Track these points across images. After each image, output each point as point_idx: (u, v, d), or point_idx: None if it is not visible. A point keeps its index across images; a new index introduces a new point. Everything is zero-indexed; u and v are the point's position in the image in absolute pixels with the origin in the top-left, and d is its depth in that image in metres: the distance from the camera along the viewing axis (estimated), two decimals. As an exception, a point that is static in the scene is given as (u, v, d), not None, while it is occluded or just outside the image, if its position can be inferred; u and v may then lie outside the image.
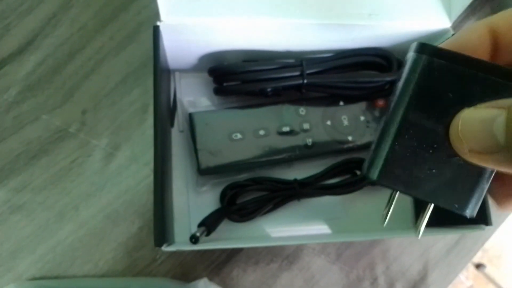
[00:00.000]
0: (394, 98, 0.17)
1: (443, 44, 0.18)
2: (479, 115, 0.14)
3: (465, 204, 0.17)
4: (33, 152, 0.39)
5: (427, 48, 0.16)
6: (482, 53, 0.17)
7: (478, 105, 0.15)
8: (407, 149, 0.16)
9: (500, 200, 0.18)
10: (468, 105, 0.15)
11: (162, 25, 0.32)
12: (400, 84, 0.17)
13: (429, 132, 0.16)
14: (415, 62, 0.16)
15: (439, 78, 0.15)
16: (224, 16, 0.33)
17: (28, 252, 0.37)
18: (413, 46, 0.17)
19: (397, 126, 0.16)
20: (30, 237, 0.37)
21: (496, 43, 0.17)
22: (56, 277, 0.37)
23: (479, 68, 0.15)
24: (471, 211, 0.17)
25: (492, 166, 0.14)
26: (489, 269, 1.18)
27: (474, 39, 0.17)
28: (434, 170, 0.16)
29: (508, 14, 0.17)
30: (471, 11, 0.48)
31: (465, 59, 0.16)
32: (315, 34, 0.35)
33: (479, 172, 0.16)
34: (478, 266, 1.19)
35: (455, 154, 0.16)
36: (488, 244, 0.41)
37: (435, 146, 0.16)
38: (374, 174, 0.17)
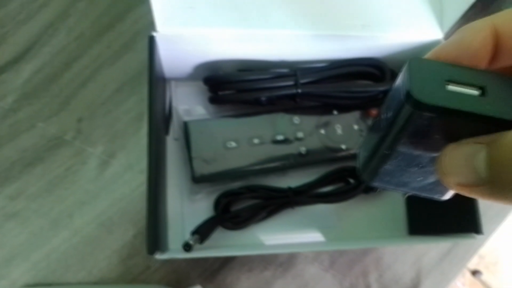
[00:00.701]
0: (384, 128, 0.17)
1: (441, 47, 0.16)
2: (461, 151, 0.14)
3: (444, 193, 0.18)
4: (29, 160, 0.39)
5: (420, 104, 0.15)
6: (482, 57, 0.16)
7: (461, 141, 0.15)
8: (397, 167, 0.18)
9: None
10: (453, 141, 0.15)
11: (157, 35, 0.32)
12: (389, 119, 0.17)
13: (417, 157, 0.17)
14: (405, 114, 0.16)
15: (427, 124, 0.16)
16: (219, 26, 0.33)
17: (22, 259, 0.37)
18: (410, 62, 0.16)
19: (388, 154, 0.17)
20: (24, 244, 0.37)
21: (498, 46, 0.16)
22: (50, 284, 0.37)
23: (464, 117, 0.15)
24: (447, 196, 0.18)
25: (478, 197, 0.15)
26: (485, 276, 1.19)
27: (476, 43, 0.16)
28: (420, 178, 0.18)
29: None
30: (464, 22, 0.49)
31: (451, 111, 0.15)
32: (309, 44, 0.36)
33: None
34: (475, 273, 1.19)
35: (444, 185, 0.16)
36: (484, 251, 0.41)
37: (421, 165, 0.17)
38: (368, 178, 0.19)
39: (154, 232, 0.28)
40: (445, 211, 0.36)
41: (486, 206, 0.35)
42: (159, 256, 0.29)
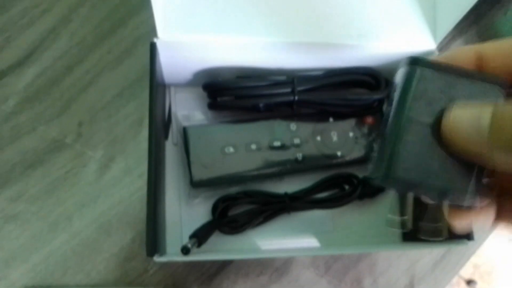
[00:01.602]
0: (394, 105, 0.19)
1: (436, 59, 0.20)
2: (468, 111, 0.16)
3: (464, 193, 0.18)
4: (29, 162, 0.39)
5: (419, 61, 0.19)
6: None
7: (467, 104, 0.17)
8: (413, 144, 0.18)
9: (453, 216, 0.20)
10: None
11: (158, 42, 0.33)
12: (398, 93, 0.19)
13: (429, 127, 0.18)
14: (410, 73, 0.19)
15: (431, 84, 0.18)
16: (219, 34, 0.34)
17: (21, 261, 0.37)
18: (406, 60, 0.19)
19: (402, 124, 0.18)
20: (23, 246, 0.38)
21: (482, 67, 0.19)
22: (48, 286, 0.37)
23: (463, 74, 0.19)
24: (471, 201, 0.19)
25: (477, 157, 0.16)
26: (480, 286, 1.19)
27: (462, 60, 0.19)
28: (438, 162, 0.18)
29: (497, 45, 0.19)
30: (457, 33, 0.50)
31: (451, 67, 0.19)
32: (306, 53, 0.37)
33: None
34: (469, 282, 1.20)
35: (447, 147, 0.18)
36: (479, 261, 0.42)
37: (435, 140, 0.18)
38: (387, 170, 0.18)
39: (154, 234, 0.29)
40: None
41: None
42: (157, 259, 0.29)
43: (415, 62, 0.19)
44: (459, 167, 0.18)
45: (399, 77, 0.20)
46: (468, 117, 0.16)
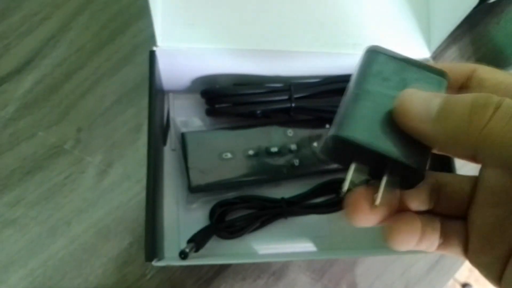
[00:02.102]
0: (353, 81, 0.21)
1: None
2: (421, 93, 0.18)
3: (415, 160, 0.19)
4: (28, 168, 0.40)
5: (379, 48, 0.22)
6: (455, 80, 0.22)
7: (421, 89, 0.19)
8: (366, 110, 0.20)
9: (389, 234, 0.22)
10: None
11: (158, 49, 0.34)
12: (357, 72, 0.22)
13: (384, 98, 0.20)
14: (370, 56, 0.22)
15: (387, 66, 0.21)
16: (217, 42, 0.35)
17: (19, 265, 0.38)
18: (368, 47, 0.22)
19: (358, 93, 0.20)
20: (22, 251, 0.38)
21: (470, 80, 0.21)
22: (46, 291, 0.37)
23: (414, 63, 0.21)
24: (419, 165, 0.19)
25: (420, 132, 0.18)
26: (475, 290, 1.20)
27: (458, 70, 0.22)
28: (390, 129, 0.20)
29: (442, 65, 0.22)
30: (451, 41, 0.51)
31: (404, 58, 0.21)
32: (303, 61, 0.37)
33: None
34: (465, 285, 1.20)
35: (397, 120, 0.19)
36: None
37: (387, 112, 0.20)
38: (338, 130, 0.20)
39: (152, 239, 0.29)
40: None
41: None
42: (156, 263, 0.29)
43: (375, 49, 0.22)
44: (405, 140, 0.19)
45: (360, 61, 0.22)
46: (420, 98, 0.18)
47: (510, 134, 0.15)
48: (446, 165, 0.36)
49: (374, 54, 0.22)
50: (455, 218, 0.22)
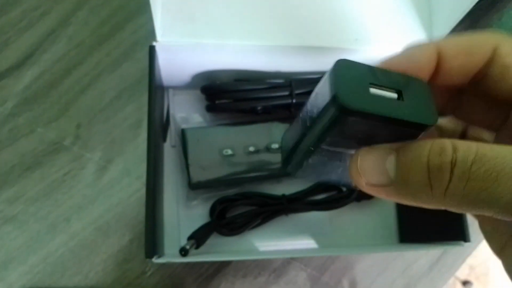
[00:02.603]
0: (310, 127, 0.17)
1: (392, 59, 0.18)
2: (374, 154, 0.17)
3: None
4: (28, 164, 0.40)
5: (341, 107, 0.16)
6: (426, 72, 0.18)
7: (373, 146, 0.17)
8: (320, 161, 0.19)
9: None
10: (373, 141, 0.17)
11: (157, 45, 0.33)
12: (315, 119, 0.17)
13: (339, 153, 0.18)
14: (329, 112, 0.16)
15: (350, 126, 0.17)
16: (217, 38, 0.34)
17: (19, 262, 0.38)
18: (330, 96, 0.16)
19: (312, 150, 0.18)
20: (21, 248, 0.38)
21: (439, 66, 0.18)
22: (46, 288, 0.37)
23: (383, 121, 0.16)
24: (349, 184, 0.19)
25: (385, 197, 0.17)
26: (476, 287, 1.20)
27: (422, 59, 0.18)
28: (340, 170, 0.19)
29: (456, 42, 0.18)
30: (453, 37, 0.50)
31: (373, 116, 0.16)
32: (304, 57, 0.37)
33: None
34: (465, 283, 1.20)
35: (355, 185, 0.18)
36: (475, 262, 0.42)
37: (342, 160, 0.19)
38: (292, 170, 0.20)
39: (152, 236, 0.29)
40: (434, 220, 0.37)
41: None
42: (156, 260, 0.29)
43: (343, 110, 0.16)
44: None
45: (326, 81, 0.17)
46: (374, 157, 0.16)
47: (472, 195, 0.14)
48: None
49: (333, 113, 0.16)
50: None
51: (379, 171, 0.16)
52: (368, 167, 0.16)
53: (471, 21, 0.50)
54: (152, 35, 0.33)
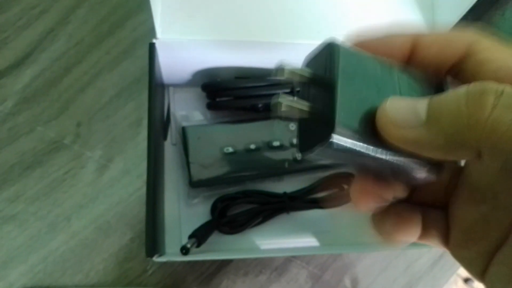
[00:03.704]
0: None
1: (370, 39, 0.19)
2: (405, 99, 0.16)
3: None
4: (28, 163, 0.39)
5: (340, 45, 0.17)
6: (398, 57, 0.18)
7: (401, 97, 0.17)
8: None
9: (389, 234, 0.20)
10: None
11: (157, 42, 0.33)
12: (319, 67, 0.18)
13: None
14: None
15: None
16: (218, 35, 0.34)
17: (19, 261, 0.37)
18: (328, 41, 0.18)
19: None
20: (22, 247, 0.38)
21: (414, 54, 0.18)
22: (47, 287, 0.37)
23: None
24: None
25: (413, 146, 0.15)
26: (477, 284, 1.19)
27: (396, 44, 0.18)
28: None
29: (433, 34, 0.19)
30: (455, 33, 0.50)
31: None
32: (306, 53, 0.37)
33: None
34: (467, 280, 1.20)
35: (381, 134, 0.16)
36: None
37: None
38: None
39: (153, 235, 0.29)
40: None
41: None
42: (157, 259, 0.29)
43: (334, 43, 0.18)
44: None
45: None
46: (403, 103, 0.16)
47: None
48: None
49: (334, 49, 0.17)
50: (433, 208, 0.20)
51: (409, 111, 0.15)
52: (398, 108, 0.16)
53: (474, 17, 0.50)
54: (152, 32, 0.33)
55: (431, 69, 0.19)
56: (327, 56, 0.18)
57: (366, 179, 0.19)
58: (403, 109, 0.15)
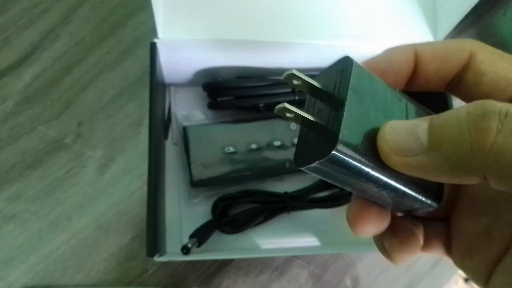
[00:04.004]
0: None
1: (372, 60, 0.18)
2: (404, 123, 0.15)
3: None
4: (29, 163, 0.39)
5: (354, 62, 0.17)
6: (403, 75, 0.18)
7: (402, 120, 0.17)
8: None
9: (392, 254, 0.20)
10: None
11: (159, 42, 0.33)
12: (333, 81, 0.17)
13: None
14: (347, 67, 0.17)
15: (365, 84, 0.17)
16: (219, 34, 0.34)
17: (20, 261, 0.37)
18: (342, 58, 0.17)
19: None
20: (22, 247, 0.38)
21: (416, 69, 0.18)
22: (47, 286, 0.37)
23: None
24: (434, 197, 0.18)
25: (415, 171, 0.15)
26: (477, 284, 1.19)
27: (400, 61, 0.18)
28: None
29: (433, 46, 0.18)
30: (457, 33, 0.50)
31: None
32: (307, 53, 0.37)
33: None
34: (467, 280, 1.20)
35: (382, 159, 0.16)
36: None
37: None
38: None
39: (154, 235, 0.29)
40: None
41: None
42: (158, 259, 0.29)
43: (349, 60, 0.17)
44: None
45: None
46: (403, 128, 0.15)
47: None
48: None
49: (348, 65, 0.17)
50: (435, 220, 0.20)
51: (410, 137, 0.15)
52: (398, 134, 0.15)
53: (476, 17, 0.50)
54: (153, 32, 0.33)
55: (433, 82, 0.18)
56: (339, 72, 0.17)
57: (365, 202, 0.18)
58: (403, 135, 0.15)
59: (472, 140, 0.13)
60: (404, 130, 0.15)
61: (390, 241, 0.19)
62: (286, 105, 0.16)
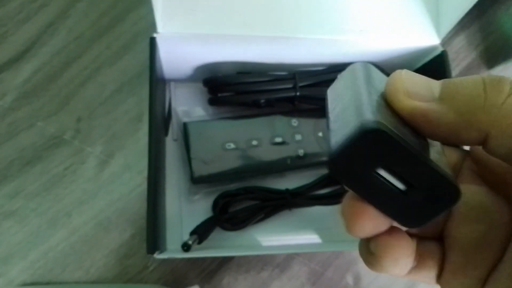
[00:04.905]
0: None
1: None
2: (418, 75, 0.16)
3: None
4: (28, 159, 0.39)
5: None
6: None
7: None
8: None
9: (379, 254, 0.18)
10: None
11: (158, 36, 0.33)
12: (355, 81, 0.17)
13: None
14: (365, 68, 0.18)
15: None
16: (219, 29, 0.33)
17: (19, 258, 0.37)
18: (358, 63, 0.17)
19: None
20: (22, 243, 0.37)
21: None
22: (47, 283, 0.37)
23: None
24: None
25: (418, 113, 0.15)
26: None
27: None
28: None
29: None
30: (460, 28, 0.49)
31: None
32: (308, 48, 0.36)
33: None
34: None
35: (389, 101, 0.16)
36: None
37: None
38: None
39: (154, 232, 0.29)
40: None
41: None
42: (158, 256, 0.29)
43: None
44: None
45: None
46: (417, 76, 0.16)
47: None
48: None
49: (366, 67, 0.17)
50: (428, 239, 0.19)
51: (423, 84, 0.15)
52: (413, 78, 0.15)
53: (479, 12, 0.49)
54: (153, 26, 0.32)
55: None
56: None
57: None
58: (417, 82, 0.15)
59: (487, 96, 0.14)
60: (419, 78, 0.16)
61: (379, 240, 0.17)
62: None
